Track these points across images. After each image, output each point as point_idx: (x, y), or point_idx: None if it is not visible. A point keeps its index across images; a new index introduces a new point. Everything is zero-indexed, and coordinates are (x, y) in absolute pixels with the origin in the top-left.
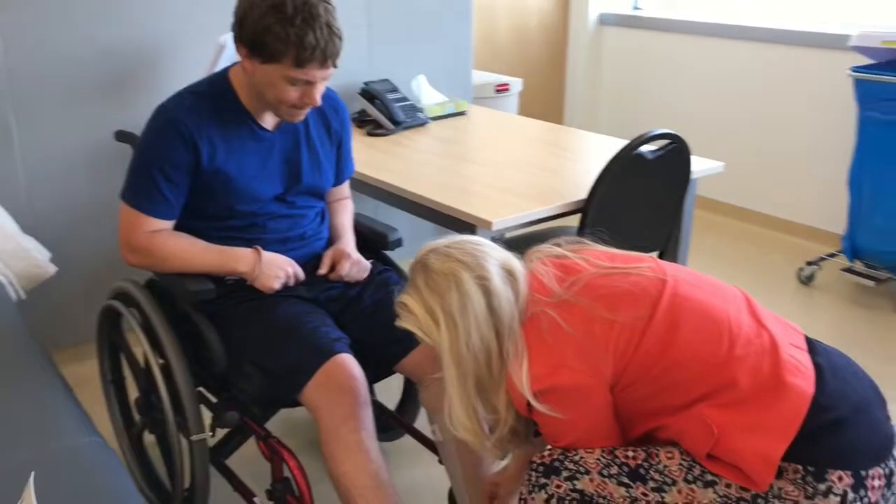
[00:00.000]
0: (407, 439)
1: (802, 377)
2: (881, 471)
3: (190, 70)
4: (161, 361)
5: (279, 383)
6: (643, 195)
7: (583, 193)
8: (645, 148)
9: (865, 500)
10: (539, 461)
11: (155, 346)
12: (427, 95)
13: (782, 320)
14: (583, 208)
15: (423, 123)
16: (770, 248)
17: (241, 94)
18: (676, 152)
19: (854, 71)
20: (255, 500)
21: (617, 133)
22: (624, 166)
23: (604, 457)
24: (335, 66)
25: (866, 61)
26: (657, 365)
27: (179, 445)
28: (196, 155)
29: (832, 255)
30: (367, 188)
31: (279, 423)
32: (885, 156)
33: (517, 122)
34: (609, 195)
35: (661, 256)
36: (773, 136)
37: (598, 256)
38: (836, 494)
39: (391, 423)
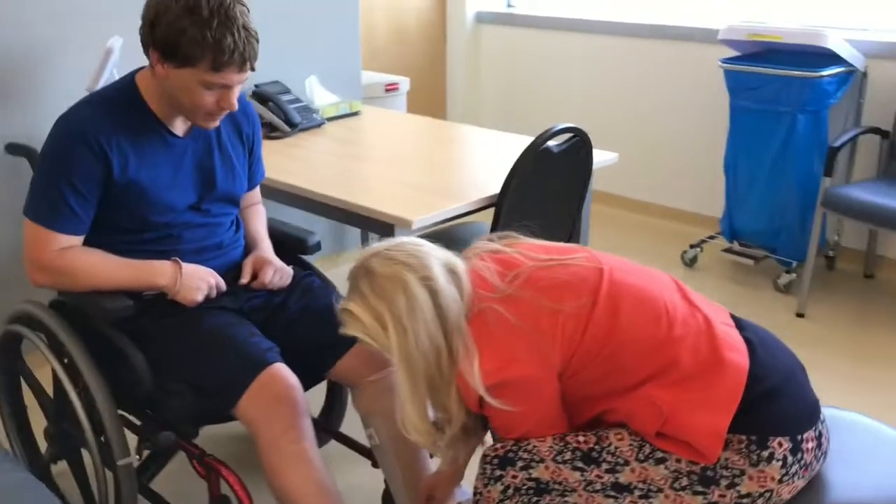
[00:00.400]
0: (332, 445)
1: (738, 352)
2: (813, 433)
3: (75, 77)
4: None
5: (212, 399)
6: (550, 188)
7: (494, 189)
8: (551, 142)
9: (802, 461)
10: (493, 454)
11: (68, 370)
12: (320, 96)
13: (708, 301)
14: (496, 203)
15: (319, 124)
16: (654, 235)
17: (149, 100)
18: (579, 146)
19: (723, 63)
20: None
21: (499, 128)
22: (533, 161)
23: (556, 444)
24: (253, 69)
25: (734, 53)
26: (603, 350)
27: (103, 473)
28: (107, 166)
29: (712, 238)
30: (274, 192)
31: (203, 439)
32: (756, 141)
33: (411, 121)
34: (520, 190)
35: None
36: (650, 127)
37: (532, 249)
38: (777, 459)
39: (316, 430)
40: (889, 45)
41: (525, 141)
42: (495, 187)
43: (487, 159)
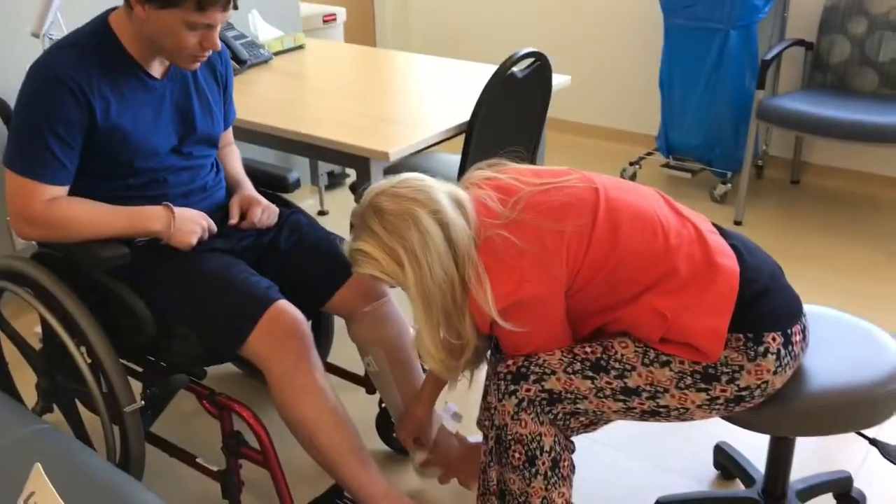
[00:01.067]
0: None
1: (728, 257)
2: (799, 326)
3: (21, 18)
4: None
5: (219, 339)
6: (515, 113)
7: (461, 117)
8: (515, 68)
9: (793, 353)
10: (506, 370)
11: (63, 322)
12: (264, 31)
13: (692, 211)
14: (466, 131)
15: (266, 60)
16: (593, 155)
17: (126, 42)
18: (540, 69)
19: None
20: (199, 460)
21: (429, 54)
22: (500, 86)
23: (565, 356)
24: (236, 6)
25: None
26: (606, 264)
27: (110, 422)
28: (90, 112)
29: (650, 154)
30: (239, 132)
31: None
32: (690, 58)
33: (358, 52)
34: (487, 116)
35: None
36: (585, 50)
37: (525, 174)
38: (772, 353)
39: None
40: None
41: (469, 67)
42: (461, 115)
43: (444, 87)
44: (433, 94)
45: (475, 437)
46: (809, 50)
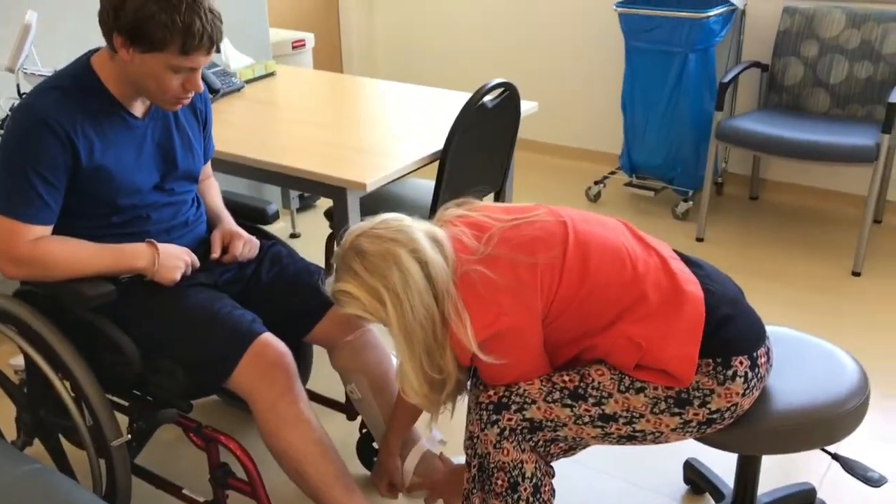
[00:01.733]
0: None
1: (692, 284)
2: (764, 349)
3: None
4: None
5: (205, 373)
6: (486, 141)
7: (433, 145)
8: (486, 97)
9: (759, 375)
10: (487, 400)
11: (48, 359)
12: (235, 59)
13: (656, 239)
14: (440, 159)
15: (239, 88)
16: (559, 174)
17: (108, 83)
18: (509, 98)
19: (618, 7)
20: (185, 491)
21: (395, 79)
22: (472, 116)
23: (544, 386)
24: (218, 50)
25: None
26: (579, 293)
27: (96, 456)
28: (74, 154)
29: (613, 173)
30: (218, 163)
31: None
32: (650, 81)
33: (329, 79)
34: (460, 144)
35: (497, 196)
36: (549, 73)
37: (494, 211)
38: (739, 376)
39: None
40: None
41: (438, 93)
42: (434, 143)
43: (415, 115)
44: (405, 122)
45: (459, 457)
46: (765, 72)
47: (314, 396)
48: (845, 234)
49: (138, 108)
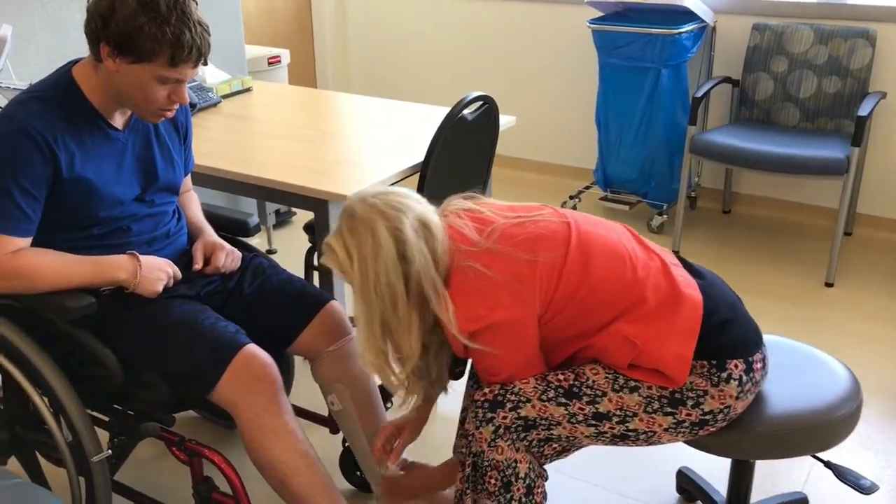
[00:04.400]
0: None
1: (692, 288)
2: (760, 355)
3: None
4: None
5: (189, 386)
6: (465, 153)
7: (413, 158)
8: (465, 110)
9: (753, 379)
10: (482, 399)
11: (27, 374)
12: (211, 74)
13: (657, 245)
14: (420, 171)
15: (216, 103)
16: (535, 189)
17: (89, 94)
18: (488, 112)
19: (591, 23)
20: None
21: (369, 95)
22: (451, 129)
23: (539, 384)
24: (206, 63)
25: (598, 14)
26: (577, 293)
27: (76, 473)
28: (55, 164)
29: (588, 188)
30: (196, 177)
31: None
32: (624, 96)
33: (305, 94)
34: (440, 156)
35: None
36: (523, 89)
37: (500, 208)
38: (734, 379)
39: None
40: (733, 1)
41: (414, 108)
42: (414, 156)
43: (393, 129)
44: (383, 136)
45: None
46: (736, 87)
47: (297, 410)
48: (817, 246)
49: (119, 120)
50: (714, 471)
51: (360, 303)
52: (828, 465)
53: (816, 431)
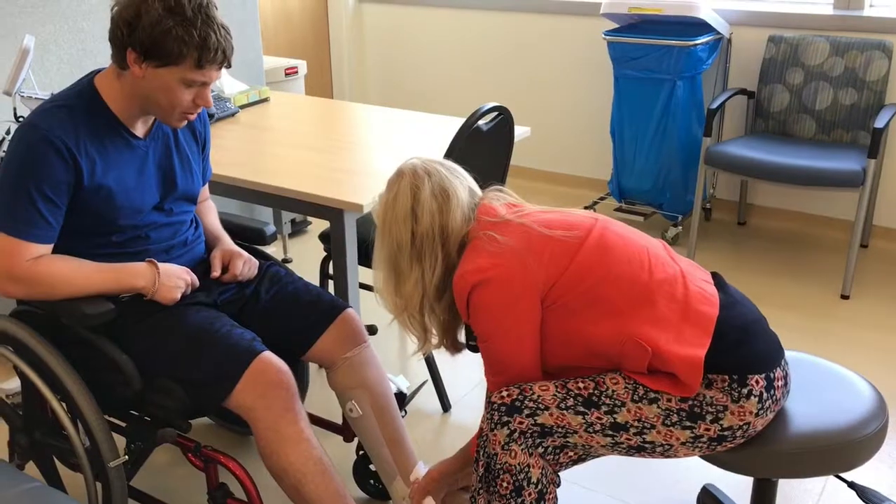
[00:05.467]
0: None
1: (708, 304)
2: (781, 372)
3: None
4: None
5: (205, 392)
6: (479, 164)
7: None
8: (481, 121)
9: (774, 396)
10: (500, 402)
11: (46, 379)
12: (229, 85)
13: (693, 263)
14: None
15: (233, 113)
16: (549, 200)
17: (111, 102)
18: (503, 122)
19: (607, 35)
20: None
21: (385, 104)
22: (467, 139)
23: (559, 392)
24: (230, 65)
25: (613, 26)
26: (586, 280)
27: (93, 479)
28: (77, 172)
29: (602, 199)
30: (214, 185)
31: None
32: (639, 107)
33: (321, 105)
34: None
35: None
36: (538, 99)
37: (534, 206)
38: (754, 395)
39: None
40: (748, 13)
41: (430, 119)
42: None
43: (409, 139)
44: (399, 146)
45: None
46: (751, 98)
47: (311, 418)
48: (833, 258)
49: (140, 129)
50: (739, 489)
51: (377, 242)
52: (851, 485)
53: (839, 452)
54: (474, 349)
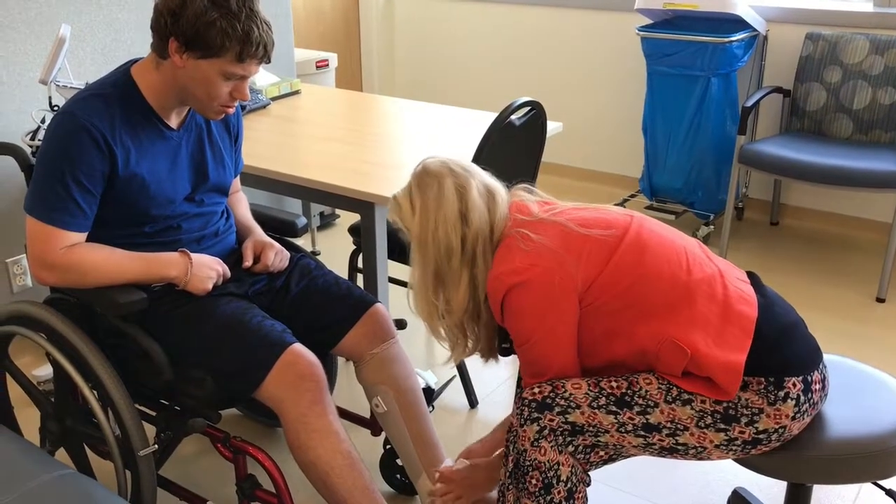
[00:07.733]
0: None
1: (747, 304)
2: (819, 375)
3: (30, 64)
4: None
5: (235, 383)
6: (511, 159)
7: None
8: (513, 116)
9: (811, 400)
10: (531, 397)
11: (78, 367)
12: (260, 76)
13: (730, 263)
14: None
15: (264, 105)
16: (579, 197)
17: (146, 92)
18: (536, 117)
19: (640, 31)
20: (210, 503)
21: (413, 97)
22: (499, 133)
23: (591, 391)
24: (269, 60)
25: (646, 21)
26: (623, 280)
27: (123, 467)
28: (112, 161)
29: (633, 196)
30: (245, 177)
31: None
32: (672, 104)
33: (353, 97)
34: (487, 161)
35: None
36: (569, 95)
37: (566, 203)
38: (791, 398)
39: None
40: (786, 10)
41: (460, 113)
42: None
43: (440, 133)
44: (430, 140)
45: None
46: (787, 97)
47: (338, 411)
48: (868, 261)
49: (174, 120)
50: (770, 493)
51: (416, 248)
52: (889, 493)
53: (878, 458)
54: (506, 352)
